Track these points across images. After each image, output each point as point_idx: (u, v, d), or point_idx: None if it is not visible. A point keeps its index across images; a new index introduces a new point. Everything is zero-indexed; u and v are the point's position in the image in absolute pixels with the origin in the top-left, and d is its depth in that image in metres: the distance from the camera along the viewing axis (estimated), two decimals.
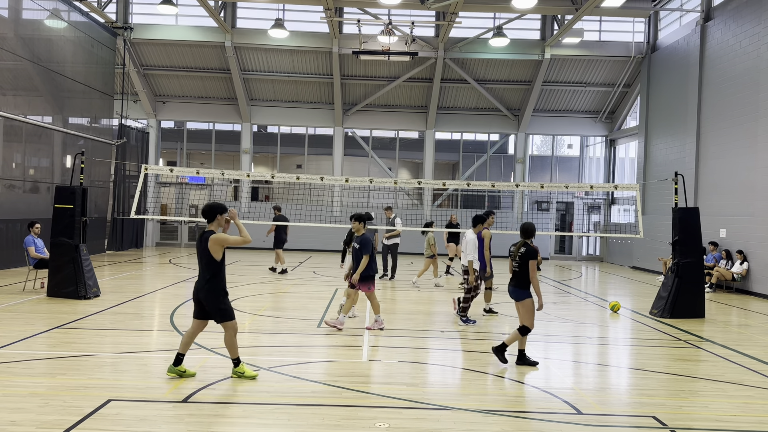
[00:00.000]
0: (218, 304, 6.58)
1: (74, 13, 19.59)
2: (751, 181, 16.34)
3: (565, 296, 14.48)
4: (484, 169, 27.35)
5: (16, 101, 17.03)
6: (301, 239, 24.89)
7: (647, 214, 21.71)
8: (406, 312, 11.62)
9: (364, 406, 5.98)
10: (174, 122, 27.74)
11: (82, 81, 19.93)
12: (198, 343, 8.09)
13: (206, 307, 6.61)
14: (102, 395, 5.95)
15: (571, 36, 22.30)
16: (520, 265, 7.67)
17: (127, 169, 23.32)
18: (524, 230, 7.88)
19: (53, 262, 11.87)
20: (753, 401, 6.57)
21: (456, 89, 25.93)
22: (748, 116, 16.64)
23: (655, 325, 11.09)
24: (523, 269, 7.64)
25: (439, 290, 14.93)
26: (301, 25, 24.65)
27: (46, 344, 8.14)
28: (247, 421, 5.51)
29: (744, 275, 16.18)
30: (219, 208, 6.70)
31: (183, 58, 25.00)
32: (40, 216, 15.13)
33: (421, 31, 24.14)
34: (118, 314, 10.41)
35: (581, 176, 27.99)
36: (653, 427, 5.69)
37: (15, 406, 5.61)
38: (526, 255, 7.64)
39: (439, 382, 7.07)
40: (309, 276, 17.18)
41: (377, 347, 8.54)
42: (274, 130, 27.86)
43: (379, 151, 27.32)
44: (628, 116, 26.05)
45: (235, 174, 17.65)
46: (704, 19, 19.20)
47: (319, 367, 7.46)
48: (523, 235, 7.83)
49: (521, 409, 6.05)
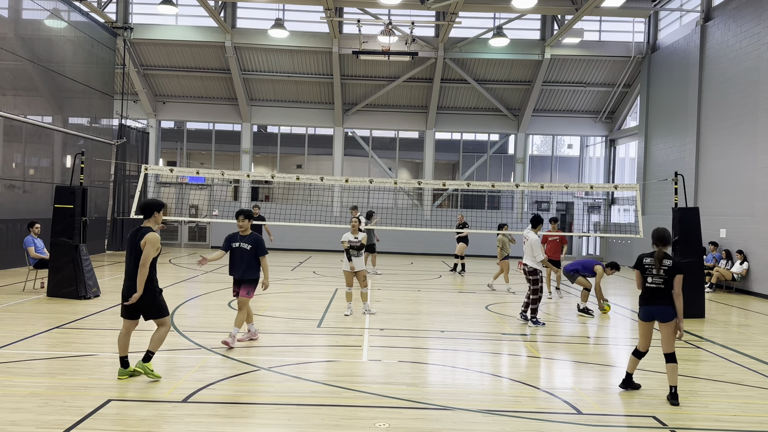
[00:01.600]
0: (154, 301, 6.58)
1: (74, 13, 19.59)
2: (751, 181, 16.34)
3: (565, 296, 14.48)
4: (484, 169, 27.35)
5: (16, 101, 17.04)
6: (301, 239, 24.91)
7: (647, 214, 21.70)
8: (406, 312, 11.62)
9: (364, 406, 5.98)
10: (174, 122, 27.74)
11: (82, 81, 19.93)
12: (198, 343, 8.09)
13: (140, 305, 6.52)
14: (102, 395, 5.95)
15: (571, 36, 22.30)
16: (665, 281, 6.55)
17: (127, 169, 23.32)
18: (662, 237, 6.69)
19: (53, 262, 11.87)
20: (753, 401, 6.57)
21: (456, 89, 25.93)
22: (748, 116, 16.63)
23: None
24: (668, 285, 6.55)
25: (439, 290, 14.92)
26: (301, 25, 24.66)
27: (46, 344, 8.14)
28: (247, 421, 5.51)
29: (744, 275, 16.18)
30: (157, 206, 6.81)
31: (183, 58, 25.00)
32: (40, 216, 15.13)
33: (421, 31, 24.15)
34: (118, 314, 10.37)
35: (581, 176, 27.99)
36: (653, 427, 5.69)
37: (15, 406, 5.61)
38: (675, 269, 6.53)
39: (439, 382, 7.07)
40: (309, 276, 17.18)
41: (377, 347, 8.53)
42: (274, 130, 27.86)
43: (379, 151, 27.32)
44: (628, 116, 26.05)
45: (235, 174, 17.65)
46: (704, 19, 19.20)
47: (319, 367, 7.46)
48: (660, 243, 6.68)
49: (521, 409, 6.05)
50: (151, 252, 6.45)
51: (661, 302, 6.57)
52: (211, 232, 26.80)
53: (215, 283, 14.93)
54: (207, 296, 12.87)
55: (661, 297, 6.58)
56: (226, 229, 25.38)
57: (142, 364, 6.52)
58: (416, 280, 16.79)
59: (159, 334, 6.62)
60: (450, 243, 23.57)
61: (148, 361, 6.54)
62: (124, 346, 6.61)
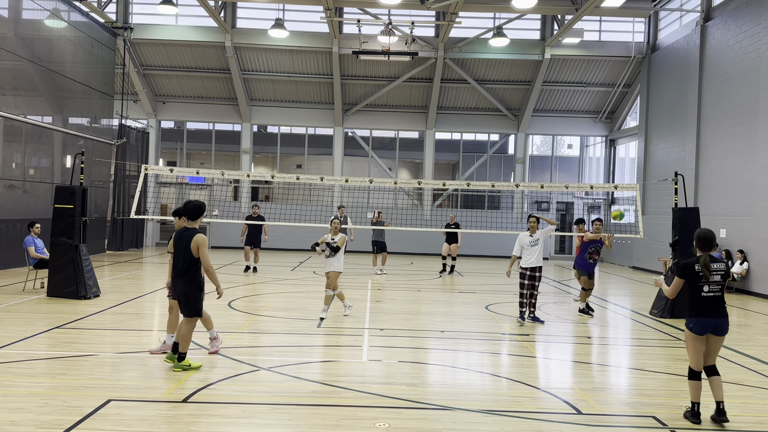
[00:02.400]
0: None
1: (74, 13, 19.59)
2: (751, 181, 16.34)
3: (565, 296, 14.48)
4: (484, 169, 27.35)
5: (16, 101, 17.04)
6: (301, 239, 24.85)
7: (647, 214, 21.70)
8: (406, 312, 11.62)
9: (364, 406, 5.98)
10: (174, 122, 27.73)
11: (82, 81, 19.93)
12: (198, 343, 8.09)
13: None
14: (102, 395, 5.95)
15: (571, 36, 22.30)
16: (721, 287, 5.89)
17: (127, 169, 23.32)
18: (708, 239, 5.95)
19: (53, 262, 11.87)
20: (753, 401, 6.57)
21: (456, 89, 25.93)
22: (748, 116, 16.63)
23: (655, 325, 11.09)
24: (723, 292, 5.92)
25: (439, 290, 14.92)
26: (301, 25, 24.65)
27: (46, 344, 8.14)
28: (247, 421, 5.51)
29: (744, 275, 16.18)
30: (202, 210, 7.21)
31: (183, 58, 25.00)
32: (40, 216, 15.12)
33: (421, 31, 24.14)
34: (118, 314, 10.41)
35: (581, 176, 27.99)
36: (653, 427, 5.69)
37: (15, 406, 5.61)
38: (726, 273, 5.94)
39: (439, 382, 7.07)
40: (309, 276, 17.18)
41: (377, 347, 8.53)
42: (274, 130, 27.86)
43: (379, 151, 27.32)
44: (628, 116, 26.05)
45: (235, 174, 17.65)
46: (704, 19, 19.20)
47: (319, 367, 7.46)
48: (706, 247, 5.94)
49: (521, 409, 6.05)
50: (206, 252, 6.97)
51: (721, 314, 5.85)
52: (211, 232, 26.79)
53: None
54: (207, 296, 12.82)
55: (722, 307, 5.88)
56: (226, 229, 25.47)
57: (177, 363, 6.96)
58: (416, 280, 16.79)
59: (186, 330, 7.03)
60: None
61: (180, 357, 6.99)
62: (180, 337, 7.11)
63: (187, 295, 7.00)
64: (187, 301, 7.01)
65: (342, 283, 11.19)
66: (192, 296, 7.02)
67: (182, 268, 6.98)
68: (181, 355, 6.95)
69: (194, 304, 7.05)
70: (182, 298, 7.03)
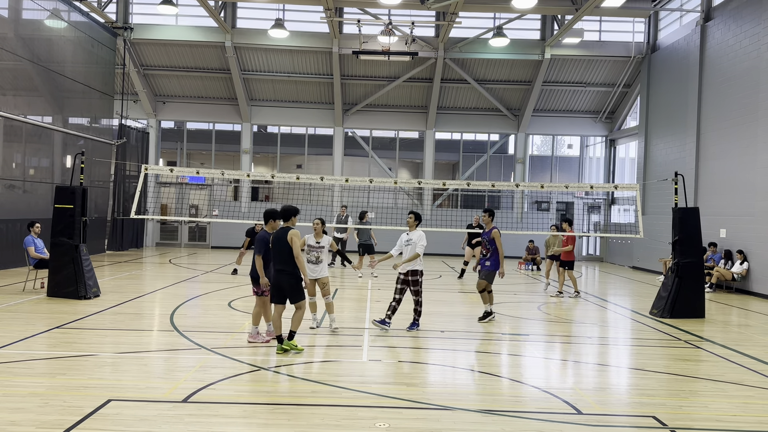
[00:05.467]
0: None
1: (74, 13, 19.59)
2: (751, 181, 16.34)
3: (565, 296, 14.47)
4: (484, 169, 27.35)
5: (16, 101, 17.03)
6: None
7: (647, 214, 21.70)
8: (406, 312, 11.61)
9: (364, 406, 5.98)
10: (174, 122, 27.73)
11: (82, 81, 19.92)
12: (198, 344, 8.09)
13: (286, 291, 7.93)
14: (102, 395, 5.95)
15: (571, 36, 22.30)
16: None
17: (127, 169, 23.31)
18: None
19: (53, 262, 11.87)
20: (753, 401, 6.56)
21: (456, 89, 25.93)
22: (748, 116, 16.63)
23: (655, 325, 11.08)
24: None
25: (439, 290, 14.91)
26: (301, 25, 24.65)
27: (46, 344, 8.14)
28: (247, 421, 5.51)
29: (744, 275, 16.18)
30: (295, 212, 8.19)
31: (183, 58, 25.00)
32: (40, 216, 15.13)
33: (421, 31, 24.14)
34: (118, 314, 10.40)
35: (581, 176, 27.98)
36: (653, 427, 5.69)
37: (15, 406, 5.61)
38: None
39: (439, 382, 7.07)
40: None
41: (377, 347, 8.53)
42: (274, 130, 27.86)
43: (379, 151, 27.31)
44: (628, 116, 26.04)
45: (235, 174, 17.63)
46: (704, 19, 19.20)
47: (319, 367, 7.46)
48: None
49: (521, 409, 6.05)
50: (298, 243, 7.91)
51: None
52: (211, 232, 26.80)
53: (215, 283, 14.93)
54: (207, 296, 12.87)
55: None
56: (226, 229, 25.47)
57: (287, 342, 7.86)
58: None
59: (297, 315, 7.93)
60: (450, 243, 23.62)
61: (291, 339, 7.90)
62: (279, 326, 7.92)
63: (292, 285, 7.86)
64: (292, 289, 7.87)
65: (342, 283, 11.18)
66: (297, 285, 7.90)
67: (284, 261, 7.81)
68: (291, 333, 7.89)
69: (300, 291, 7.93)
70: (287, 288, 7.85)
